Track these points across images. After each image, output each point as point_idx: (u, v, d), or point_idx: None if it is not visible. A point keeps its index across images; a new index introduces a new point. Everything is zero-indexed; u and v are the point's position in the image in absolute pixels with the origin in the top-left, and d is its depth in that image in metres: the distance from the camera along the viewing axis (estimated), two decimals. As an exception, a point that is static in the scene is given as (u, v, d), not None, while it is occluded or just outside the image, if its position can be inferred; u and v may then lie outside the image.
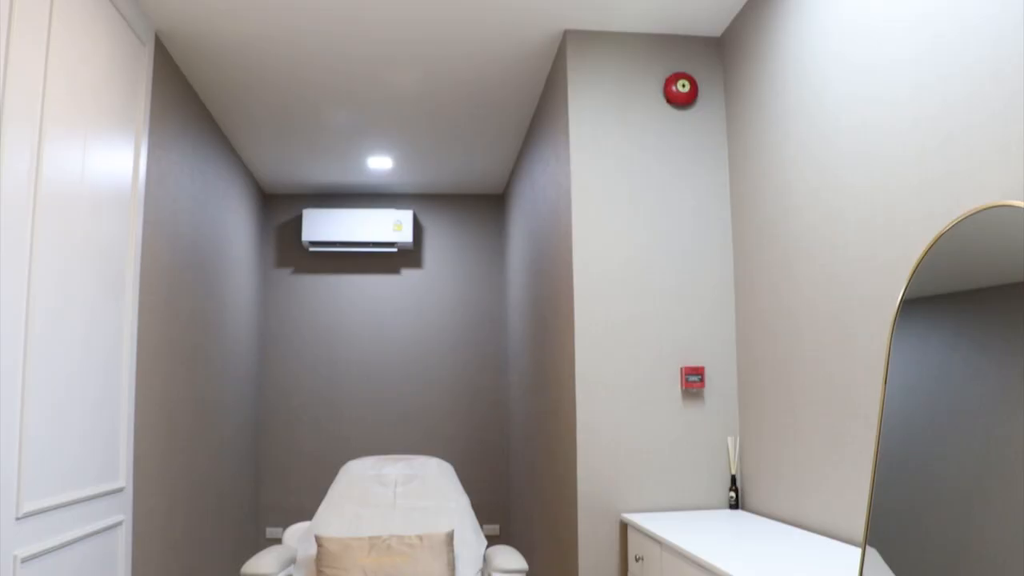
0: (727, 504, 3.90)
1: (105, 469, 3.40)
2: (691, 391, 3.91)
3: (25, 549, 2.74)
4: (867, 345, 2.84)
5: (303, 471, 6.85)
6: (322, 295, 6.98)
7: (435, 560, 3.50)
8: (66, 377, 3.03)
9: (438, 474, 4.10)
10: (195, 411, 4.77)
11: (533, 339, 5.24)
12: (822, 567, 2.57)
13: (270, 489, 6.81)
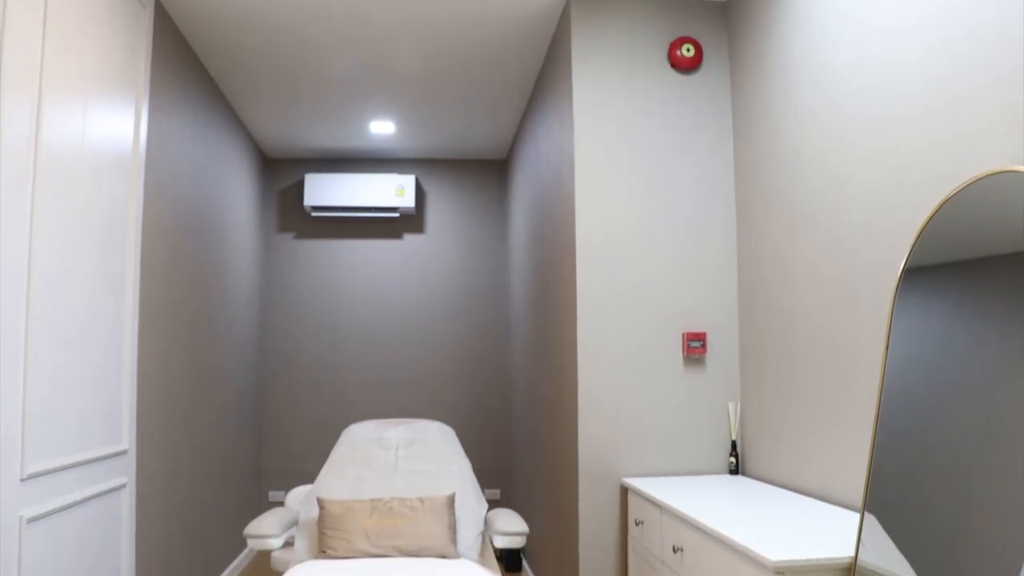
0: (727, 470, 3.92)
1: (108, 432, 3.42)
2: (693, 357, 3.92)
3: (30, 510, 2.76)
4: (871, 311, 2.84)
5: (305, 435, 6.88)
6: (324, 260, 6.97)
7: (436, 522, 3.52)
8: (68, 340, 3.04)
9: (439, 437, 4.12)
10: (197, 375, 4.79)
11: (535, 304, 5.24)
12: (821, 532, 2.59)
13: (272, 453, 6.85)
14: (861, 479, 2.89)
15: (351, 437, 4.13)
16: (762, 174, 3.69)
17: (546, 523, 4.74)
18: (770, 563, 2.23)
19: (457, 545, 3.61)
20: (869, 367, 2.84)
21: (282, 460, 6.85)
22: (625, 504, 3.83)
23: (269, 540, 3.51)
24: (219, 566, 5.29)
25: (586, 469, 3.81)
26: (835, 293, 3.07)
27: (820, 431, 3.17)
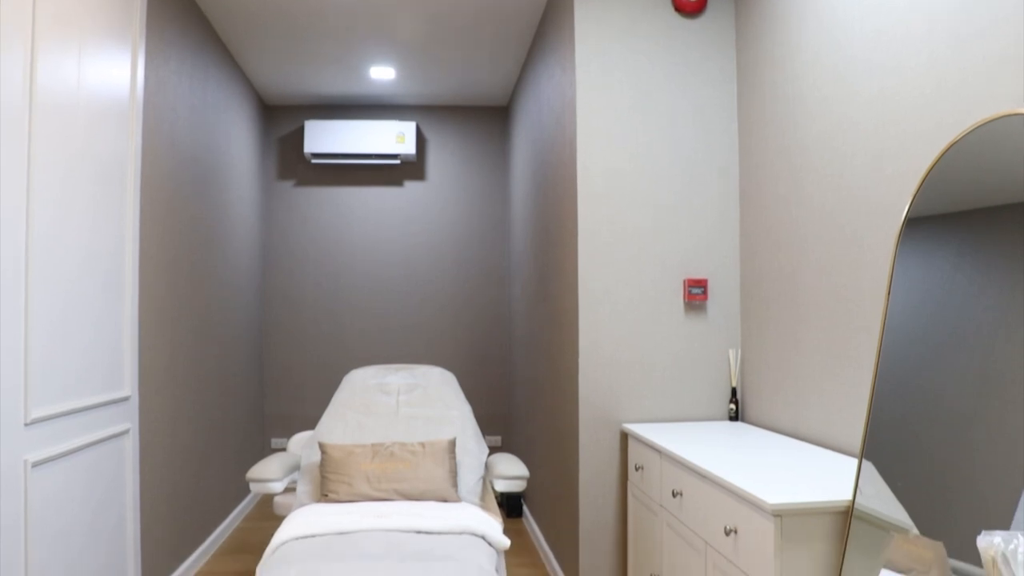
0: (727, 416, 3.94)
1: (110, 378, 3.43)
2: (694, 303, 3.92)
3: (35, 454, 2.78)
4: (874, 258, 2.83)
5: (307, 382, 6.92)
6: (325, 207, 6.95)
7: (437, 467, 3.55)
8: (67, 286, 3.04)
9: (440, 383, 4.13)
10: (198, 322, 4.80)
11: (536, 251, 5.23)
12: (819, 477, 2.61)
13: (274, 400, 6.89)
14: (860, 426, 2.90)
15: (352, 383, 4.14)
16: (767, 119, 3.66)
17: (547, 469, 4.78)
18: (768, 506, 2.25)
19: (458, 489, 3.64)
20: (871, 314, 2.84)
21: (284, 407, 6.90)
22: (625, 450, 3.86)
23: (271, 484, 3.54)
24: (223, 511, 5.35)
25: (586, 415, 3.83)
26: (839, 239, 3.05)
27: (820, 378, 3.18)
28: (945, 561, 1.87)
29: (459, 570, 2.67)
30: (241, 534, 5.42)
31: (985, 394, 1.85)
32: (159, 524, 4.03)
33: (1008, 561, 1.40)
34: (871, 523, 2.17)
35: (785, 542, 2.27)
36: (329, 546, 2.89)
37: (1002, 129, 1.91)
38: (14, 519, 2.65)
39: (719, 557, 2.65)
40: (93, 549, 3.26)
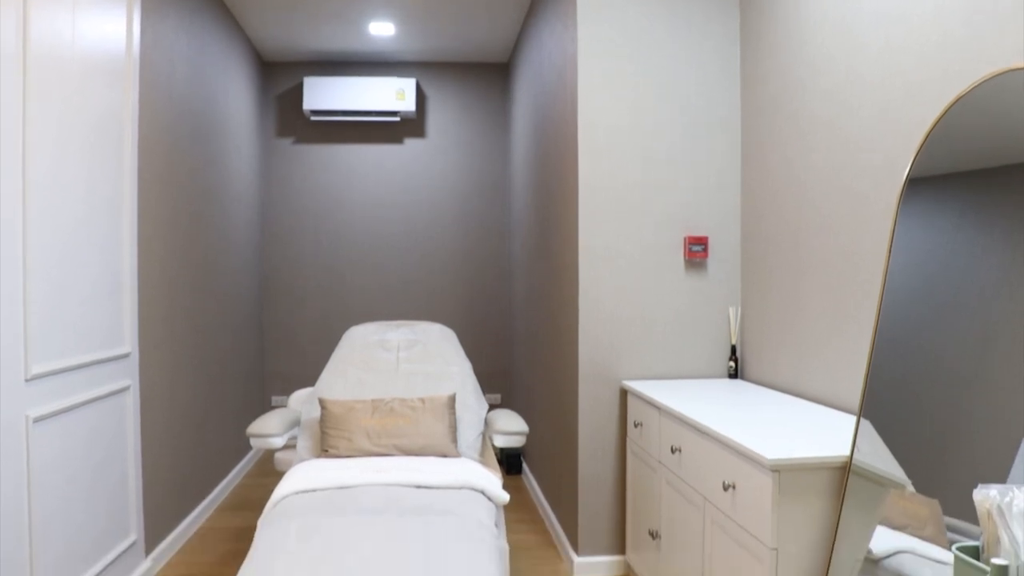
0: (726, 374, 3.95)
1: (110, 335, 3.43)
2: (694, 261, 3.91)
3: (36, 410, 2.79)
4: (877, 215, 2.82)
5: (307, 339, 6.93)
6: (324, 165, 6.91)
7: (437, 422, 3.56)
8: (65, 242, 3.03)
9: (440, 339, 4.13)
10: (197, 278, 4.79)
11: (536, 207, 5.21)
12: (818, 433, 2.61)
13: (274, 358, 6.91)
14: (859, 384, 2.91)
15: (352, 339, 4.14)
16: (771, 74, 3.63)
17: (546, 427, 4.80)
18: (767, 461, 2.26)
19: (457, 444, 3.66)
20: (873, 273, 2.83)
21: (284, 365, 6.91)
22: (624, 407, 3.87)
23: (271, 439, 3.56)
24: (224, 468, 5.39)
25: (586, 371, 3.84)
26: (842, 196, 3.04)
27: (821, 336, 3.18)
28: (940, 518, 1.88)
29: (458, 524, 2.69)
30: (242, 490, 5.46)
31: (985, 355, 1.84)
32: (161, 480, 4.06)
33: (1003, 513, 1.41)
34: (869, 479, 2.18)
35: (783, 497, 2.28)
36: (329, 500, 2.91)
37: (1008, 84, 1.89)
38: (16, 474, 2.67)
39: (717, 512, 2.67)
40: (96, 505, 3.29)
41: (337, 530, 2.60)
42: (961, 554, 1.44)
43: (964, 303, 1.94)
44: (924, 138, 2.15)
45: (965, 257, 1.97)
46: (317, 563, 2.35)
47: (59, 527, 2.97)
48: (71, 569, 3.07)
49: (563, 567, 4.04)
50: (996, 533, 1.43)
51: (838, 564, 2.22)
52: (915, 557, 1.96)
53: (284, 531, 2.61)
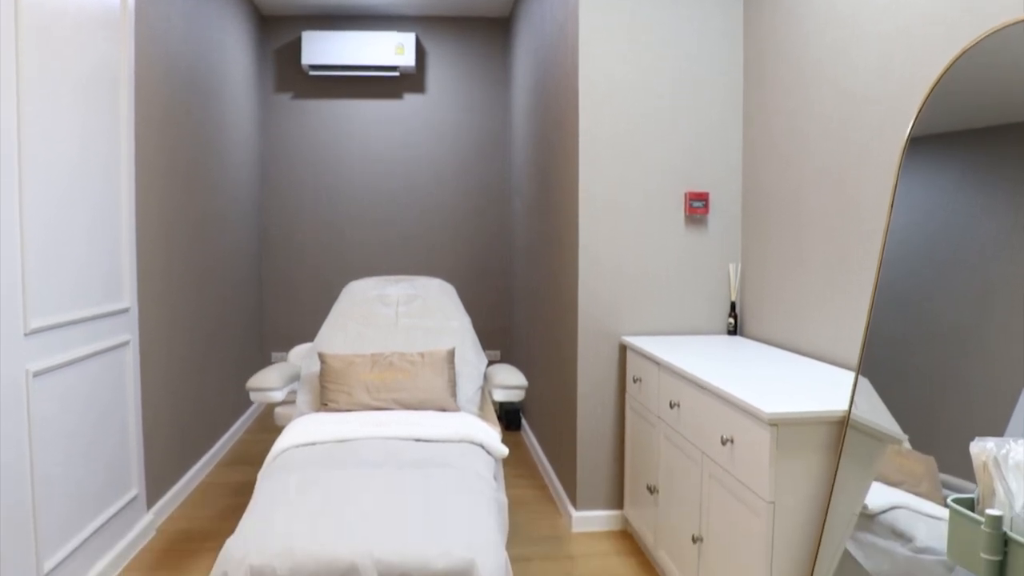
0: (726, 330, 3.95)
1: (109, 290, 3.43)
2: (694, 217, 3.89)
3: (36, 364, 2.80)
4: (879, 173, 2.80)
5: (307, 295, 6.93)
6: (323, 120, 6.87)
7: (436, 376, 3.57)
8: (61, 196, 3.01)
9: (440, 294, 4.13)
10: (196, 233, 4.78)
11: (537, 162, 5.18)
12: (816, 389, 2.62)
13: (273, 314, 6.91)
14: (858, 341, 2.91)
15: (351, 294, 4.14)
16: (775, 28, 3.59)
17: (546, 383, 4.82)
18: (765, 416, 2.27)
19: (457, 399, 3.67)
20: (874, 231, 2.82)
21: (283, 321, 6.92)
22: (624, 362, 3.88)
23: (271, 393, 3.56)
24: (224, 424, 5.41)
25: (585, 327, 3.84)
26: (844, 150, 3.02)
27: (821, 293, 3.18)
28: (936, 475, 1.89)
29: (457, 476, 2.71)
30: (242, 446, 5.50)
31: (984, 315, 1.84)
32: (161, 435, 4.08)
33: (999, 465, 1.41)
34: (866, 434, 2.19)
35: (781, 451, 2.29)
36: (329, 454, 2.92)
37: (1013, 36, 1.86)
38: (18, 428, 2.67)
39: (715, 467, 2.68)
40: (97, 459, 3.30)
41: (336, 482, 2.61)
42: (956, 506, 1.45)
43: (964, 262, 1.93)
44: (927, 94, 2.13)
45: (966, 217, 1.95)
46: (317, 515, 2.37)
47: (61, 481, 2.99)
48: (74, 523, 3.09)
49: (561, 521, 4.08)
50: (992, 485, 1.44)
51: (834, 518, 2.24)
52: (910, 513, 1.97)
53: (284, 484, 2.63)
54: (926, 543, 1.89)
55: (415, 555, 2.19)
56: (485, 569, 2.17)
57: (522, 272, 5.98)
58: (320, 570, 2.16)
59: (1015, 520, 1.37)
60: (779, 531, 2.32)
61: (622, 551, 3.71)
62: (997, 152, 1.87)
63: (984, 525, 1.34)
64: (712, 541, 2.73)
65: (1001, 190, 1.85)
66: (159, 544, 3.77)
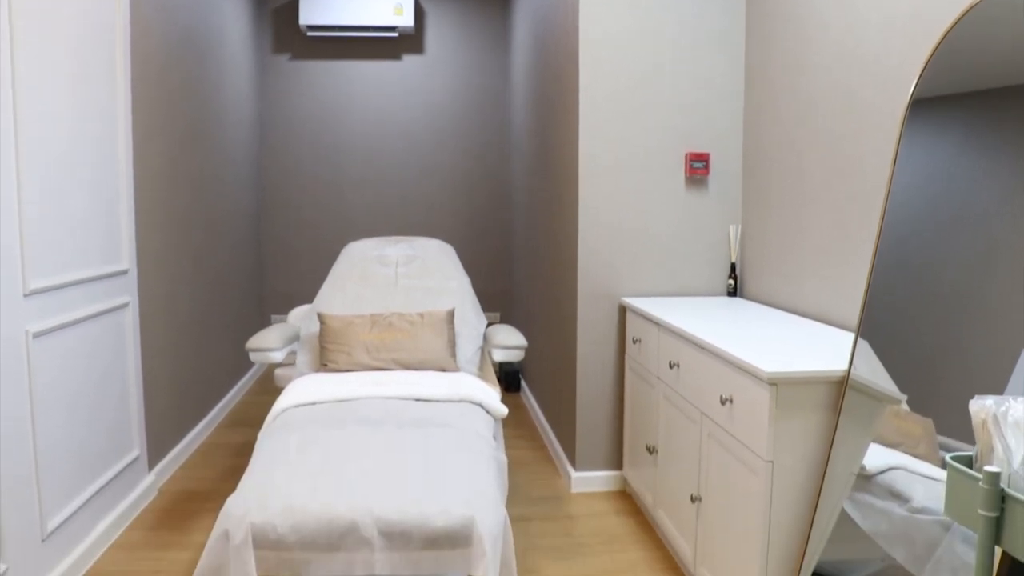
0: (725, 292, 3.95)
1: (108, 251, 3.42)
2: (695, 178, 3.88)
3: (36, 325, 2.79)
4: (882, 133, 2.78)
5: (305, 257, 6.93)
6: (322, 81, 6.82)
7: (436, 337, 3.57)
8: (58, 156, 2.99)
9: (439, 254, 4.12)
10: (194, 195, 4.76)
11: (537, 122, 5.15)
12: (816, 349, 2.62)
13: (273, 276, 6.91)
14: (858, 303, 2.91)
15: (350, 254, 4.13)
16: (773, -13, 3.55)
17: (545, 344, 4.83)
18: (764, 375, 2.27)
19: (456, 359, 3.68)
20: (875, 193, 2.81)
21: (283, 284, 6.92)
22: (623, 323, 3.88)
23: (270, 353, 3.57)
24: (225, 386, 5.43)
25: (585, 288, 3.84)
26: (846, 109, 3.00)
27: (821, 254, 3.17)
28: (933, 436, 1.90)
29: (457, 436, 2.72)
30: (243, 408, 5.52)
31: (985, 277, 1.83)
32: (162, 397, 4.09)
33: (998, 422, 1.41)
34: (865, 394, 2.19)
35: (780, 411, 2.29)
36: (329, 413, 2.93)
37: None
38: (19, 389, 2.68)
39: (714, 427, 2.69)
40: (98, 420, 3.32)
41: (336, 441, 2.62)
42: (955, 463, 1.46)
43: (965, 225, 1.92)
44: (930, 54, 2.11)
45: (967, 179, 1.94)
46: (317, 474, 2.38)
47: (63, 442, 3.00)
48: (76, 483, 3.11)
49: (561, 482, 4.10)
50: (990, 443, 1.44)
51: (832, 478, 2.25)
52: (907, 474, 1.98)
53: (284, 443, 2.64)
54: (923, 503, 1.90)
55: (415, 513, 2.20)
56: (484, 526, 2.18)
57: (522, 233, 5.97)
58: (320, 528, 2.17)
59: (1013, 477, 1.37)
60: (777, 490, 2.33)
61: (621, 511, 3.74)
62: (1000, 115, 1.86)
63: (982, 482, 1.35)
64: (711, 500, 2.75)
65: (1003, 153, 1.84)
66: (161, 504, 3.79)
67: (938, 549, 1.82)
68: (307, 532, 2.17)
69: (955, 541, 1.77)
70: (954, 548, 1.77)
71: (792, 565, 2.37)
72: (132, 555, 3.28)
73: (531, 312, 5.48)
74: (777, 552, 2.36)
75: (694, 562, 2.91)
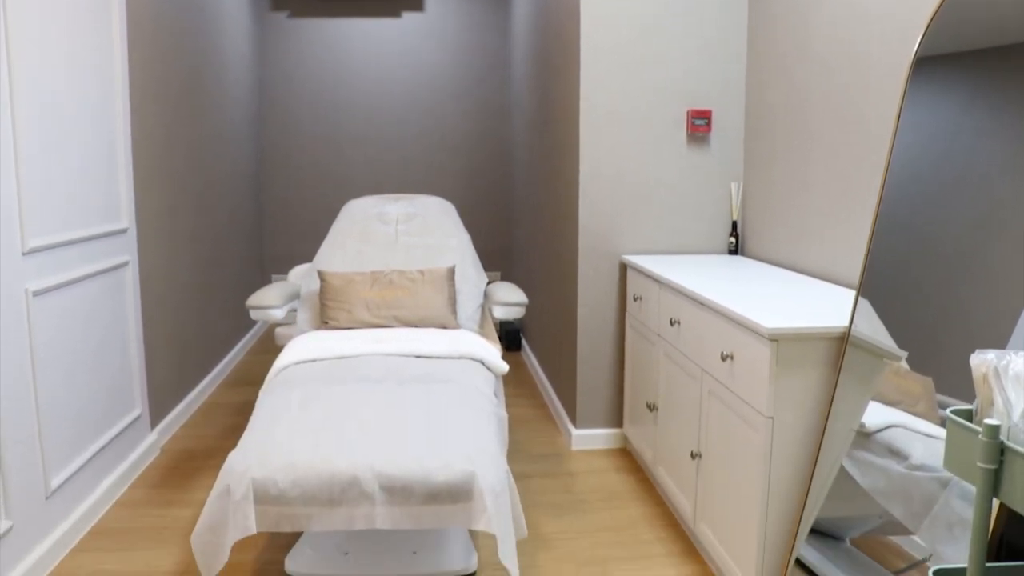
0: (727, 250, 3.94)
1: (107, 209, 3.41)
2: (697, 135, 3.85)
3: (35, 283, 2.79)
4: (885, 88, 2.75)
5: (306, 217, 6.91)
6: (321, 39, 6.75)
7: (436, 294, 3.57)
8: (54, 112, 2.97)
9: (439, 212, 4.10)
10: (194, 155, 4.73)
11: (538, 78, 5.11)
12: (817, 306, 2.62)
13: (274, 236, 6.90)
14: (860, 261, 2.89)
15: (351, 212, 4.11)
16: (777, -60, 3.50)
17: (546, 303, 4.82)
18: (765, 331, 2.27)
19: (457, 316, 3.67)
20: (878, 151, 2.79)
21: (283, 244, 6.91)
22: (624, 281, 3.87)
23: (271, 311, 3.56)
24: (226, 345, 5.44)
25: (586, 246, 3.83)
26: (851, 69, 2.96)
27: (823, 212, 3.15)
28: (933, 395, 1.90)
29: (458, 392, 2.72)
30: (244, 367, 5.53)
31: (987, 237, 1.82)
32: (163, 356, 4.10)
33: (999, 376, 1.41)
34: (866, 350, 2.19)
35: (780, 367, 2.29)
36: (330, 370, 2.93)
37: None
38: (20, 347, 2.68)
39: (715, 383, 2.69)
40: (100, 379, 3.32)
41: (338, 398, 2.63)
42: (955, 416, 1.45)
43: (967, 184, 1.91)
44: (935, 11, 2.07)
45: (971, 138, 1.92)
46: (318, 429, 2.39)
47: (64, 401, 3.01)
48: (79, 441, 3.12)
49: (561, 439, 4.12)
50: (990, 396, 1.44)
51: (832, 434, 2.25)
52: (906, 431, 1.98)
53: (285, 399, 2.64)
54: (921, 461, 1.91)
55: (416, 468, 2.21)
56: (485, 481, 2.19)
57: (522, 191, 5.94)
58: (321, 483, 2.18)
59: (1012, 430, 1.37)
60: (777, 447, 2.34)
61: (621, 468, 3.76)
62: (1005, 74, 1.84)
63: (981, 434, 1.35)
64: (710, 457, 2.76)
65: (1007, 113, 1.82)
66: (163, 462, 3.81)
67: (935, 505, 1.83)
68: (308, 487, 2.18)
69: (952, 497, 1.78)
70: (951, 504, 1.78)
71: (791, 521, 2.39)
72: (135, 512, 3.30)
73: (531, 271, 5.47)
74: (776, 508, 2.37)
75: (694, 518, 2.93)
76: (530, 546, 3.03)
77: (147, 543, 3.04)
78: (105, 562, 2.90)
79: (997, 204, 1.81)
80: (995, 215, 1.81)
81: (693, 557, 2.96)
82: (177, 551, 2.98)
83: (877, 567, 2.11)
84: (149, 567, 2.87)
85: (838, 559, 2.25)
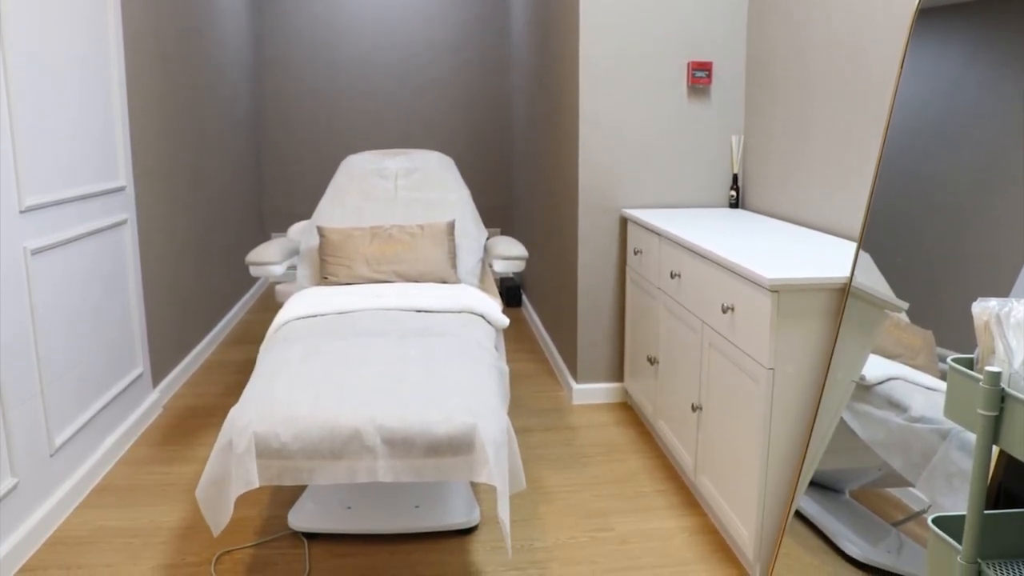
0: (727, 203, 3.92)
1: (104, 168, 3.38)
2: (697, 87, 3.81)
3: (33, 242, 2.78)
4: (888, 41, 2.72)
5: (305, 173, 6.88)
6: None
7: (436, 248, 3.56)
8: (48, 71, 2.94)
9: (439, 167, 4.08)
10: (190, 112, 4.69)
11: (537, 30, 5.06)
12: (818, 257, 2.61)
13: (274, 193, 6.87)
14: (861, 214, 2.88)
15: (349, 167, 4.09)
16: None
17: (546, 258, 4.82)
18: (766, 282, 2.26)
19: (457, 270, 3.67)
20: (880, 103, 2.76)
21: (284, 201, 6.89)
22: (624, 235, 3.86)
23: (271, 267, 3.55)
24: (226, 304, 5.44)
25: (586, 199, 3.81)
26: (853, 20, 2.93)
27: (824, 165, 3.13)
28: (933, 348, 1.90)
29: (458, 345, 2.72)
30: (245, 325, 5.54)
31: (987, 192, 1.81)
32: (164, 314, 4.10)
33: (1001, 323, 1.41)
34: (867, 301, 2.18)
35: (781, 318, 2.29)
36: (330, 325, 2.93)
37: None
38: (19, 306, 2.68)
39: (715, 335, 2.69)
40: (101, 337, 3.32)
41: (338, 352, 2.63)
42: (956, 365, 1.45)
43: (969, 138, 1.89)
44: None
45: (974, 92, 1.90)
46: (319, 383, 2.39)
47: (66, 359, 3.01)
48: (82, 399, 3.13)
49: (562, 394, 4.13)
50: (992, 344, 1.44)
51: (832, 386, 2.26)
52: (906, 384, 1.98)
53: (286, 354, 2.64)
54: (921, 413, 1.91)
55: (417, 420, 2.21)
56: (486, 434, 2.20)
57: (522, 147, 5.91)
58: (323, 436, 2.19)
59: (1013, 377, 1.37)
60: (777, 398, 2.35)
61: (621, 422, 3.77)
62: (1008, 27, 1.81)
63: (982, 382, 1.35)
64: (711, 409, 2.76)
65: (1010, 67, 1.80)
66: (166, 420, 3.83)
67: (934, 457, 1.84)
68: (310, 440, 2.18)
69: (951, 449, 1.79)
70: (950, 456, 1.79)
71: (791, 473, 2.40)
72: (139, 469, 3.32)
73: (532, 226, 5.46)
74: (776, 460, 2.39)
75: (694, 470, 2.94)
76: (532, 499, 3.05)
77: (151, 499, 3.07)
78: (110, 519, 2.92)
79: (999, 158, 1.79)
80: (997, 167, 1.80)
81: (693, 509, 2.98)
82: (180, 507, 3.00)
83: (876, 519, 2.13)
84: (153, 523, 2.89)
85: (838, 511, 2.26)
